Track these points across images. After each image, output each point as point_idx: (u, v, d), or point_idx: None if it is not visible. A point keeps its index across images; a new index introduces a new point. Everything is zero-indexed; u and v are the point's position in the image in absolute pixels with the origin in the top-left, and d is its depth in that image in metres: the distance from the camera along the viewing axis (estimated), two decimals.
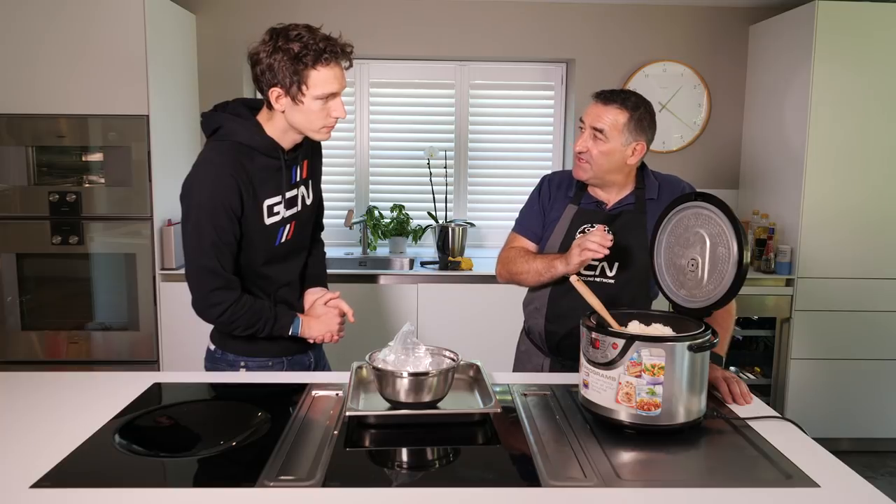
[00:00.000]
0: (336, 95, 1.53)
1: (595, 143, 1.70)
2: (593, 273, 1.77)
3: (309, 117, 1.53)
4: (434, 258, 3.35)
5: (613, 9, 3.51)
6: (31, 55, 2.84)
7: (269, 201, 1.59)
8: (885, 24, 3.00)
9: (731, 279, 1.34)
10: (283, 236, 1.65)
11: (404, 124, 3.72)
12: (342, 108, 1.55)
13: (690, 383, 1.28)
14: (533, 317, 1.89)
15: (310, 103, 1.50)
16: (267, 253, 1.63)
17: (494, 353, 2.03)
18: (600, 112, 1.69)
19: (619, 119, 1.68)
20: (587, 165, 1.73)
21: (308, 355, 1.82)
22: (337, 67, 1.50)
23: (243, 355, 1.70)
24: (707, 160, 3.66)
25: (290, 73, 1.46)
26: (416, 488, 1.10)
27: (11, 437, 1.27)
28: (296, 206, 1.67)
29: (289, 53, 1.45)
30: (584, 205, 1.82)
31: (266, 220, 1.59)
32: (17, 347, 2.99)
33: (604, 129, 1.68)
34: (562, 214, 1.84)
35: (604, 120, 1.68)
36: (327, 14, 3.44)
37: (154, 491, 1.08)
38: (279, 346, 1.72)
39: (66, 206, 2.91)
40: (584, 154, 1.72)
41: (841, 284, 3.14)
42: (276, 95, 1.50)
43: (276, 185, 1.60)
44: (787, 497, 1.08)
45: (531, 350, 1.93)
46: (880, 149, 3.07)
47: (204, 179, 1.52)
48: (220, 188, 1.51)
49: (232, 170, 1.52)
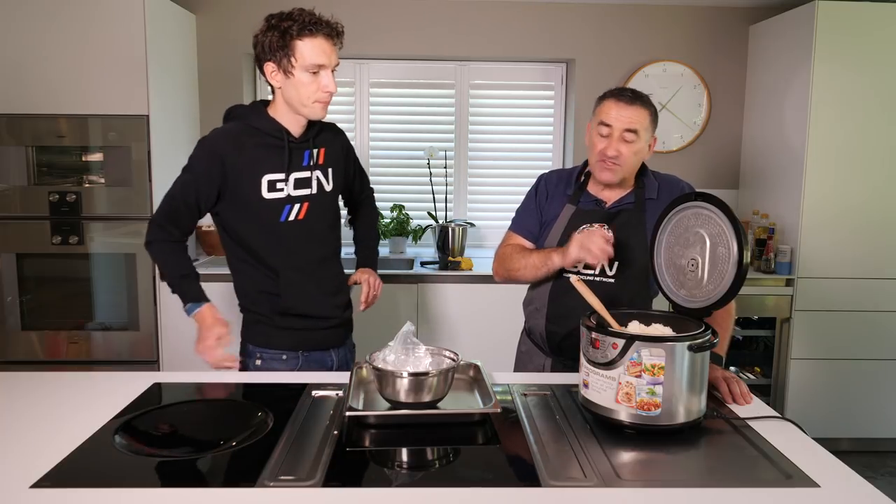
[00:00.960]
0: (325, 68, 1.62)
1: (626, 144, 1.69)
2: (593, 272, 1.77)
3: (299, 90, 1.63)
4: (434, 258, 3.35)
5: (613, 9, 3.51)
6: (31, 55, 2.83)
7: (269, 176, 1.68)
8: (885, 24, 3.00)
9: (731, 279, 1.34)
10: (291, 215, 1.71)
11: (404, 124, 3.72)
12: (332, 81, 1.64)
13: (690, 383, 1.28)
14: (533, 317, 1.89)
15: (300, 75, 1.61)
16: (270, 228, 1.70)
17: (494, 353, 2.03)
18: (630, 113, 1.68)
19: (644, 118, 1.69)
20: (618, 168, 1.71)
21: (330, 354, 1.83)
22: (323, 40, 1.61)
23: (259, 346, 1.76)
24: (707, 160, 3.66)
25: (279, 46, 1.59)
26: (416, 488, 1.10)
27: (11, 437, 1.27)
28: (308, 188, 1.74)
29: (279, 29, 1.59)
30: (583, 204, 1.82)
31: (266, 194, 1.68)
32: (17, 347, 2.99)
33: (638, 130, 1.68)
34: (560, 213, 1.83)
35: (636, 121, 1.68)
36: (328, 14, 3.44)
37: (154, 491, 1.08)
38: (294, 339, 1.76)
39: (66, 206, 2.91)
40: (616, 157, 1.70)
41: (841, 284, 3.14)
42: (270, 70, 1.63)
43: (280, 163, 1.69)
44: (787, 497, 1.08)
45: (532, 350, 1.93)
46: (880, 149, 3.07)
47: (203, 147, 1.68)
48: (203, 156, 1.66)
49: (222, 143, 1.66)
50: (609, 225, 1.73)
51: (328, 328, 1.81)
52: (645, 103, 1.71)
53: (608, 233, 1.66)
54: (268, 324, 1.75)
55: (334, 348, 1.84)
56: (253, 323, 1.78)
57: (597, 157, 1.73)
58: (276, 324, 1.74)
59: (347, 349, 1.91)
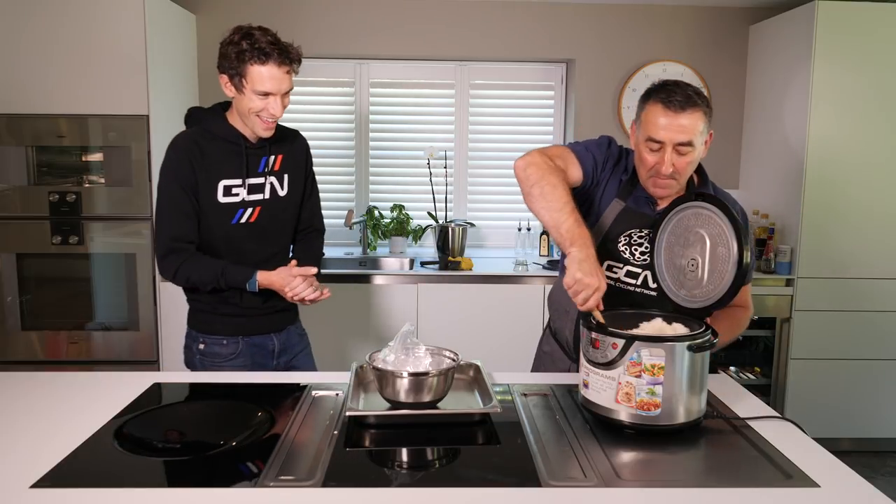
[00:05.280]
0: (273, 95, 1.68)
1: (681, 157, 1.48)
2: (635, 283, 1.60)
3: (246, 108, 1.69)
4: (434, 258, 3.35)
5: (613, 9, 3.51)
6: (31, 55, 2.83)
7: (226, 181, 1.75)
8: (885, 24, 3.00)
9: (731, 279, 1.34)
10: (244, 218, 1.78)
11: (404, 124, 3.72)
12: (279, 107, 1.70)
13: (690, 383, 1.28)
14: (560, 318, 1.76)
15: (250, 95, 1.67)
16: (223, 229, 1.76)
17: (495, 353, 2.03)
18: (683, 123, 1.44)
19: (699, 122, 1.46)
20: (674, 183, 1.52)
21: (270, 338, 1.88)
22: (274, 67, 1.65)
23: (202, 333, 1.83)
24: (707, 160, 3.60)
25: (234, 65, 1.66)
26: (416, 488, 1.10)
27: (11, 437, 1.27)
28: (261, 194, 1.80)
29: (238, 48, 1.65)
30: (634, 202, 1.60)
31: (221, 198, 1.75)
32: (17, 347, 2.99)
33: (693, 141, 1.46)
34: (608, 205, 1.61)
35: (690, 129, 1.45)
36: (327, 14, 3.45)
37: (154, 491, 1.08)
38: (233, 326, 1.81)
39: (66, 206, 2.91)
40: (672, 173, 1.48)
41: (841, 284, 3.13)
42: (224, 82, 1.71)
43: (237, 168, 1.76)
44: (787, 497, 1.08)
45: (556, 352, 1.79)
46: (880, 149, 3.07)
47: (165, 160, 1.74)
48: (176, 164, 1.72)
49: (186, 149, 1.72)
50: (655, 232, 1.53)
51: (263, 315, 1.86)
52: (697, 104, 1.45)
53: None
54: (210, 311, 1.82)
55: (276, 332, 1.89)
56: (197, 311, 1.85)
57: (647, 172, 1.52)
58: (216, 311, 1.81)
59: (290, 334, 1.93)
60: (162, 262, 1.73)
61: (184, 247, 1.73)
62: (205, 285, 1.74)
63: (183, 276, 1.73)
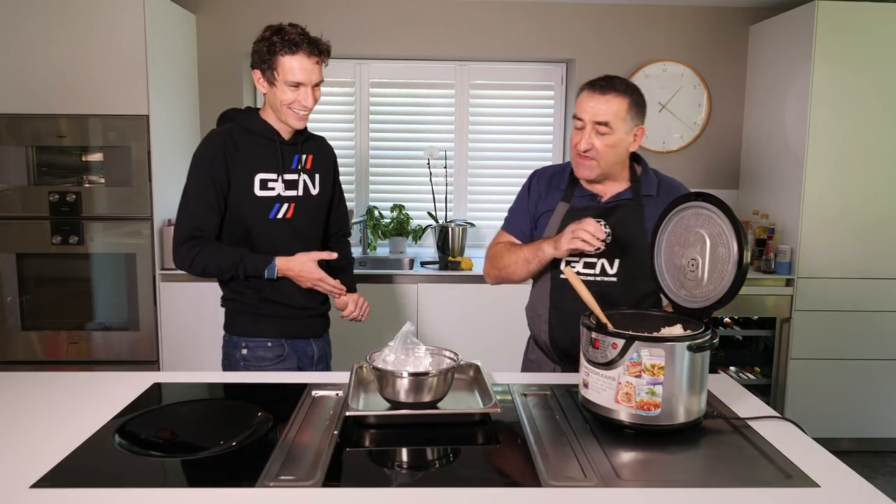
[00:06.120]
0: (304, 86, 1.71)
1: (600, 137, 1.61)
2: (593, 272, 1.69)
3: (279, 101, 1.72)
4: (434, 258, 3.35)
5: (613, 9, 3.51)
6: (31, 55, 2.83)
7: (262, 175, 1.76)
8: (885, 24, 3.00)
9: (731, 279, 1.34)
10: (280, 213, 1.79)
11: (404, 124, 3.72)
12: (310, 97, 1.73)
13: (690, 383, 1.28)
14: (535, 324, 1.81)
15: (281, 87, 1.71)
16: (260, 223, 1.77)
17: (494, 353, 2.03)
18: (599, 103, 1.60)
19: (621, 107, 1.60)
20: (593, 163, 1.64)
21: (310, 344, 1.88)
22: (305, 58, 1.69)
23: (243, 336, 1.81)
24: (707, 160, 3.66)
25: (266, 59, 1.69)
26: (416, 488, 1.10)
27: (11, 437, 1.27)
28: (295, 190, 1.81)
29: (269, 42, 1.68)
30: (577, 200, 1.73)
31: (258, 191, 1.76)
32: (17, 347, 2.99)
33: (608, 122, 1.60)
34: (553, 210, 1.75)
35: (606, 111, 1.59)
36: (328, 14, 3.45)
37: (154, 491, 1.08)
38: (277, 327, 1.80)
39: (66, 206, 2.91)
40: (589, 151, 1.62)
41: (841, 284, 3.13)
42: (257, 77, 1.74)
43: (273, 163, 1.78)
44: (787, 497, 1.08)
45: (541, 359, 1.83)
46: (880, 149, 3.07)
47: (198, 152, 1.76)
48: (210, 157, 1.73)
49: (221, 143, 1.74)
50: (606, 220, 1.63)
51: (307, 318, 1.86)
52: (620, 91, 1.61)
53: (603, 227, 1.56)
54: (252, 312, 1.80)
55: (315, 339, 1.89)
56: (238, 313, 1.82)
57: (573, 152, 1.67)
58: (259, 311, 1.79)
59: (325, 342, 1.95)
60: (178, 249, 1.72)
61: (204, 236, 1.73)
62: (223, 273, 1.73)
63: (200, 265, 1.72)
